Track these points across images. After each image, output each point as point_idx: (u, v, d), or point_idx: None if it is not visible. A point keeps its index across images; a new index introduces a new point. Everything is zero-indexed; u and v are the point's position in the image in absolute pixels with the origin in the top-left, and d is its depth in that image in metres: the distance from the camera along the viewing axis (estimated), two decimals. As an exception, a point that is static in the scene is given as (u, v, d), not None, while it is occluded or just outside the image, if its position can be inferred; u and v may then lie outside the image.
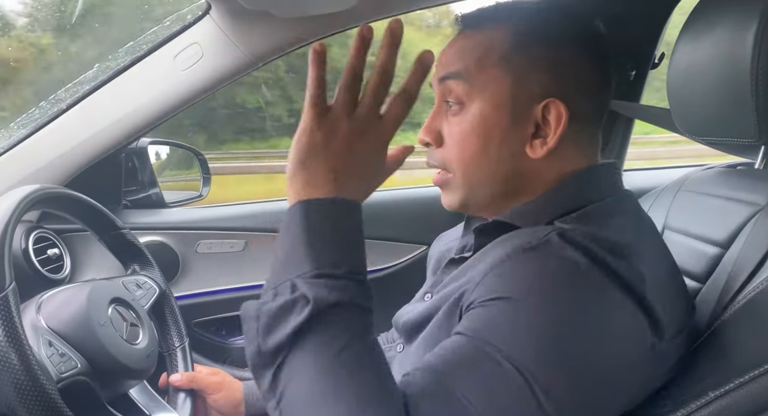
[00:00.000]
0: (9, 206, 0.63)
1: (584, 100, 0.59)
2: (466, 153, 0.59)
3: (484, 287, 0.51)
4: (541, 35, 0.58)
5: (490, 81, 0.57)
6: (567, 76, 0.57)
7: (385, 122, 0.49)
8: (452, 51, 0.61)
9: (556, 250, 0.50)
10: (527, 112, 0.57)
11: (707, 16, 0.70)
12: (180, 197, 1.41)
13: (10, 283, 0.57)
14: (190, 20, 1.04)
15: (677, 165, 1.41)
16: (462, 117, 0.59)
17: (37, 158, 1.07)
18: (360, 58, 0.48)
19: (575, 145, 0.59)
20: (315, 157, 0.48)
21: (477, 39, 0.60)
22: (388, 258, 1.34)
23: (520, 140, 0.58)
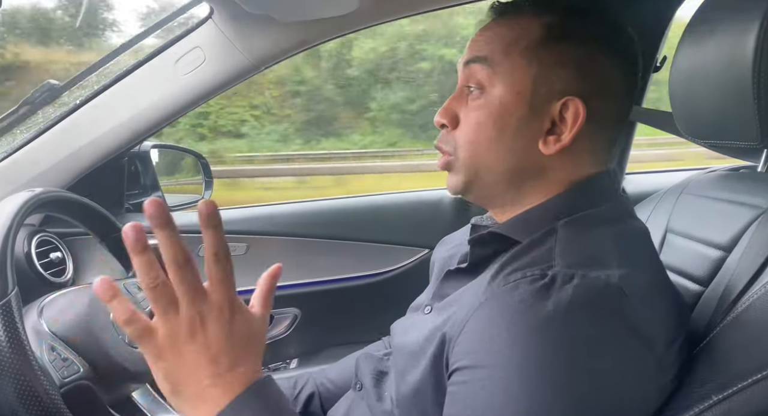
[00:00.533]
0: (12, 209, 0.63)
1: (605, 103, 0.58)
2: (479, 136, 0.59)
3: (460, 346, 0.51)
4: (574, 32, 0.58)
5: (514, 68, 0.57)
6: (591, 76, 0.57)
7: (215, 295, 0.46)
8: (482, 37, 0.61)
9: (536, 299, 0.49)
10: (546, 106, 0.57)
11: (709, 20, 0.70)
12: (182, 200, 1.41)
13: (12, 288, 0.58)
14: (193, 24, 1.05)
15: (680, 168, 1.41)
16: (481, 102, 0.59)
17: (41, 161, 1.08)
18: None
19: (589, 147, 0.59)
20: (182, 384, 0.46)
21: (508, 26, 0.60)
22: (391, 261, 1.34)
23: (534, 133, 0.58)
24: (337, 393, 0.86)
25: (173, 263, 0.44)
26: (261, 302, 0.52)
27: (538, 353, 0.47)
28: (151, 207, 0.43)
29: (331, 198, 1.44)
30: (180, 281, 0.45)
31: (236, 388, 0.46)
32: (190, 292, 0.45)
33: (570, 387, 0.46)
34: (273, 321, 1.34)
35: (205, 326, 0.46)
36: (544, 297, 0.48)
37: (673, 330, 0.53)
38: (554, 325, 0.47)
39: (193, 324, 0.46)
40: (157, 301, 0.45)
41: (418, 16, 1.10)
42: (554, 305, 0.47)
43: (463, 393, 0.50)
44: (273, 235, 1.31)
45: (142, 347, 0.46)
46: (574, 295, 0.48)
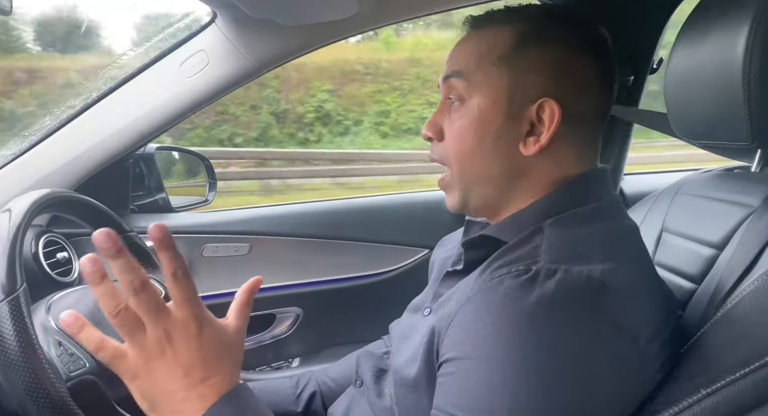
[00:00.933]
0: (21, 209, 0.65)
1: (581, 102, 0.60)
2: (462, 146, 0.61)
3: (448, 339, 0.53)
4: (543, 37, 0.60)
5: (487, 78, 0.60)
6: (565, 77, 0.59)
7: (179, 312, 0.48)
8: (457, 51, 0.64)
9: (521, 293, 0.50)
10: (522, 110, 0.59)
11: (701, 23, 0.72)
12: (186, 201, 1.43)
13: (21, 284, 0.59)
14: (196, 28, 1.07)
15: (677, 169, 1.42)
16: (461, 112, 0.61)
17: (48, 163, 1.10)
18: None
19: (570, 145, 0.61)
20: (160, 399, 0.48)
21: (481, 38, 0.62)
22: (391, 261, 1.35)
23: (515, 137, 0.60)
24: (338, 390, 0.87)
25: (130, 290, 0.46)
26: (235, 314, 0.54)
27: (521, 345, 0.48)
28: (102, 238, 0.45)
29: (333, 199, 1.46)
30: (139, 305, 0.47)
31: (210, 398, 0.49)
32: (151, 313, 0.47)
33: (552, 378, 0.47)
34: (275, 320, 1.35)
35: (173, 343, 0.48)
36: (527, 291, 0.49)
37: (658, 325, 0.54)
38: (537, 318, 0.48)
39: (161, 343, 0.48)
40: (123, 326, 0.47)
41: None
42: (537, 298, 0.49)
43: (449, 384, 0.51)
44: (275, 235, 1.33)
45: (116, 370, 0.49)
46: (556, 289, 0.49)
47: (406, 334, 0.67)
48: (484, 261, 0.59)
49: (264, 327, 1.35)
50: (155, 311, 0.47)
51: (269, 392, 0.90)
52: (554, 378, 0.48)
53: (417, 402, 0.60)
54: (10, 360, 0.55)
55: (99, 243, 0.45)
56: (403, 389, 0.63)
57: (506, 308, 0.49)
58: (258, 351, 1.34)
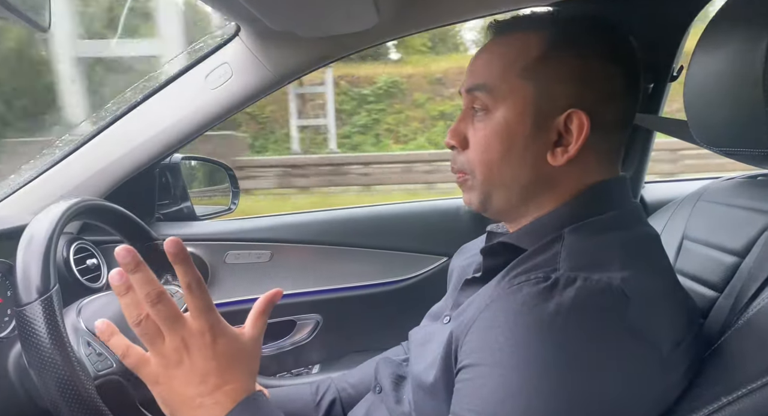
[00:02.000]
0: (54, 216, 0.68)
1: (608, 111, 0.59)
2: (489, 156, 0.61)
3: (466, 345, 0.53)
4: (571, 45, 0.58)
5: (513, 90, 0.59)
6: (592, 87, 0.58)
7: (194, 322, 0.51)
8: (480, 60, 0.62)
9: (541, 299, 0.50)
10: (550, 121, 0.58)
11: (722, 29, 0.71)
12: (210, 210, 1.46)
13: (54, 285, 0.62)
14: (221, 42, 1.10)
15: (698, 177, 1.39)
16: (487, 122, 0.60)
17: (79, 172, 1.14)
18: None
19: (596, 154, 0.60)
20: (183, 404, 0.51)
21: (506, 46, 0.61)
22: (409, 269, 1.36)
23: (542, 148, 0.59)
24: (357, 397, 0.88)
25: (148, 301, 0.49)
26: (252, 323, 0.57)
27: (539, 353, 0.48)
28: (122, 254, 0.49)
29: (352, 207, 1.47)
30: (157, 315, 0.50)
31: (226, 405, 0.51)
32: (168, 323, 0.50)
33: (569, 386, 0.47)
34: (296, 327, 1.36)
35: (190, 351, 0.51)
36: (546, 299, 0.49)
37: (679, 332, 0.53)
38: (555, 326, 0.48)
39: (179, 351, 0.51)
40: (144, 335, 0.50)
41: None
42: (556, 306, 0.49)
43: (466, 389, 0.51)
44: (296, 243, 1.35)
45: (140, 375, 0.52)
46: (576, 297, 0.49)
47: (425, 341, 0.68)
48: (503, 268, 0.59)
49: (284, 334, 1.37)
50: (172, 321, 0.50)
51: (290, 399, 0.91)
52: (571, 386, 0.47)
53: (435, 409, 0.60)
54: (43, 358, 0.57)
55: (120, 259, 0.49)
56: (421, 394, 0.63)
57: (524, 316, 0.50)
58: (278, 358, 1.35)
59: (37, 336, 0.58)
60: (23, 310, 0.59)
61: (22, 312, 0.59)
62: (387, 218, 1.41)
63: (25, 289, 0.60)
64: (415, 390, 0.65)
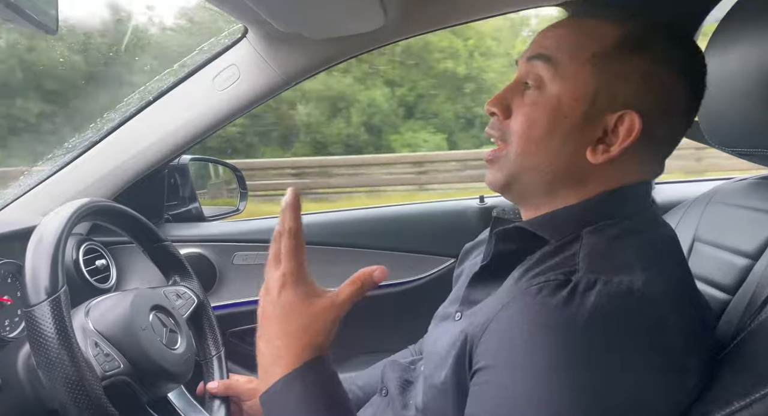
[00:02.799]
0: (63, 217, 0.68)
1: (663, 121, 0.57)
2: (530, 132, 0.58)
3: (483, 346, 0.53)
4: (647, 46, 0.56)
5: (578, 74, 0.56)
6: (655, 93, 0.56)
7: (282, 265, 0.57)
8: (550, 34, 0.60)
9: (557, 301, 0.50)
10: (602, 116, 0.56)
11: (734, 29, 0.70)
12: (218, 211, 1.47)
13: (62, 286, 0.62)
14: (228, 43, 1.11)
15: (710, 178, 1.38)
16: (538, 97, 0.58)
17: (88, 174, 1.15)
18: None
19: (637, 162, 0.58)
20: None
21: (581, 28, 0.58)
22: (417, 271, 1.35)
23: (585, 140, 0.57)
24: (365, 399, 0.87)
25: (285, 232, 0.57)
26: (339, 290, 0.59)
27: (560, 356, 0.47)
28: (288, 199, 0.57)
29: (359, 208, 1.47)
30: (272, 249, 0.58)
31: (281, 367, 0.55)
32: (274, 259, 0.58)
33: (591, 390, 0.46)
34: None
35: (283, 288, 0.57)
36: (567, 302, 0.48)
37: (695, 336, 0.52)
38: (576, 329, 0.47)
39: (277, 284, 0.57)
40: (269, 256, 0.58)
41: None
42: (576, 309, 0.48)
43: (484, 392, 0.51)
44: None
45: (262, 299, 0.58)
46: (596, 300, 0.48)
47: (436, 341, 0.67)
48: (514, 257, 0.58)
49: (292, 335, 1.36)
50: (275, 257, 0.58)
51: None
52: (592, 389, 0.47)
53: (446, 409, 0.59)
54: (51, 358, 0.57)
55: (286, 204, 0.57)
56: (432, 393, 0.62)
57: (544, 318, 0.49)
58: (286, 359, 1.35)
59: (45, 336, 0.58)
60: (32, 311, 0.60)
61: (30, 313, 0.60)
62: (395, 220, 1.41)
63: (33, 290, 0.61)
64: (426, 390, 0.65)
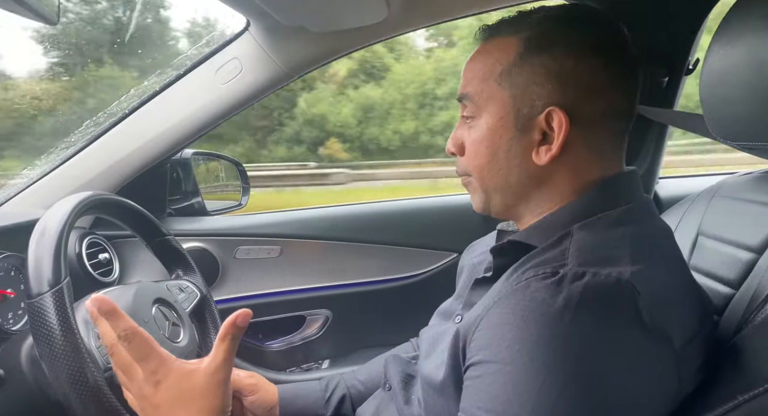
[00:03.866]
0: (66, 210, 0.68)
1: (591, 105, 0.58)
2: (478, 161, 0.63)
3: (475, 342, 0.53)
4: (546, 44, 0.58)
5: (492, 97, 0.61)
6: (571, 84, 0.58)
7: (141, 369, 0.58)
8: (466, 69, 0.65)
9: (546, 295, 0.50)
10: (531, 121, 0.59)
11: (740, 21, 0.70)
12: (221, 205, 1.47)
13: (65, 278, 0.62)
14: (231, 37, 1.10)
15: (714, 173, 1.37)
16: (475, 129, 0.63)
17: (91, 167, 1.15)
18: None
19: (587, 149, 0.60)
20: None
21: (487, 52, 0.62)
22: (419, 265, 1.35)
23: (527, 148, 0.60)
24: (367, 393, 0.88)
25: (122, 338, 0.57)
26: (213, 351, 0.59)
27: (548, 348, 0.47)
28: (93, 305, 0.56)
29: (362, 203, 1.47)
30: (119, 359, 0.58)
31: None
32: (128, 366, 0.58)
33: (578, 382, 0.47)
34: (305, 322, 1.37)
35: (158, 384, 0.57)
36: (554, 294, 0.49)
37: (693, 328, 0.52)
38: (563, 321, 0.48)
39: (150, 385, 0.57)
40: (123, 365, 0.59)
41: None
42: (564, 301, 0.48)
43: (475, 386, 0.51)
44: (306, 238, 1.35)
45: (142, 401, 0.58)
46: (584, 291, 0.48)
47: (435, 340, 0.67)
48: (512, 263, 0.59)
49: (294, 329, 1.37)
50: (129, 368, 0.58)
51: (299, 395, 0.91)
52: (581, 381, 0.47)
53: (445, 407, 0.60)
54: (54, 350, 0.58)
55: (92, 309, 0.56)
56: (431, 392, 0.63)
57: (532, 311, 0.49)
58: (288, 353, 1.36)
59: (47, 327, 0.58)
60: (34, 302, 0.60)
61: (33, 304, 0.60)
62: (397, 214, 1.41)
63: (36, 281, 0.61)
64: (425, 389, 0.65)
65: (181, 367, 0.58)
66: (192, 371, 0.58)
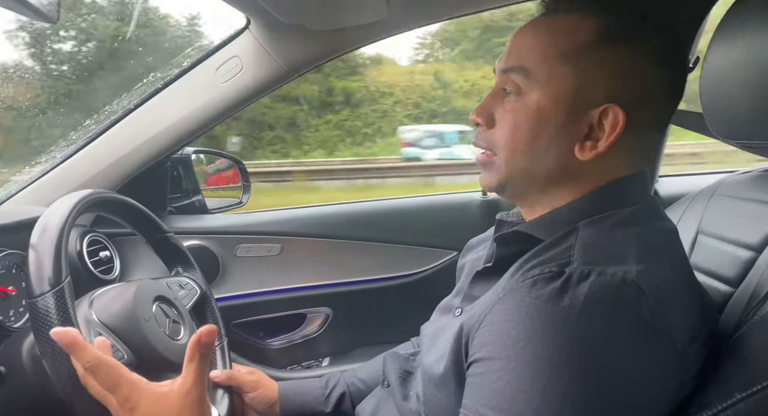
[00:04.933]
0: (66, 207, 0.68)
1: (647, 111, 0.57)
2: (515, 139, 0.58)
3: (478, 339, 0.53)
4: (624, 36, 0.55)
5: (553, 76, 0.56)
6: (636, 83, 0.56)
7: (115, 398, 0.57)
8: (521, 39, 0.59)
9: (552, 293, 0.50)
10: (585, 112, 0.56)
11: (740, 19, 0.70)
12: (221, 203, 1.47)
13: (65, 277, 0.62)
14: (231, 35, 1.10)
15: (714, 171, 1.37)
16: (518, 104, 0.58)
17: (91, 165, 1.15)
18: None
19: (626, 153, 0.59)
20: None
21: (553, 25, 0.58)
22: (419, 263, 1.35)
23: (571, 139, 0.57)
24: (366, 391, 0.88)
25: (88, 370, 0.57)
26: (183, 374, 0.59)
27: (552, 347, 0.47)
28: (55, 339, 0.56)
29: (362, 201, 1.47)
30: (95, 386, 0.58)
31: None
32: (103, 392, 0.58)
33: (583, 380, 0.47)
34: (306, 320, 1.37)
35: (133, 409, 0.57)
36: (559, 293, 0.49)
37: (695, 328, 0.53)
38: (569, 320, 0.48)
39: (126, 410, 0.57)
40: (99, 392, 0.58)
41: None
42: (570, 300, 0.48)
43: (478, 383, 0.51)
44: (306, 236, 1.35)
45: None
46: (589, 291, 0.48)
47: (436, 335, 0.67)
48: (516, 259, 0.59)
49: (294, 327, 1.37)
50: (102, 399, 0.58)
51: (299, 392, 0.92)
52: (584, 379, 0.47)
53: (445, 402, 0.60)
54: (55, 348, 0.58)
55: (58, 340, 0.56)
56: (431, 387, 0.63)
57: (538, 310, 0.49)
58: (289, 350, 1.36)
59: (49, 327, 0.58)
60: (35, 301, 0.60)
61: (34, 304, 0.60)
62: (397, 212, 1.41)
63: (37, 281, 0.61)
64: (425, 383, 0.65)
65: (153, 391, 0.57)
66: (165, 393, 0.57)
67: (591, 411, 0.47)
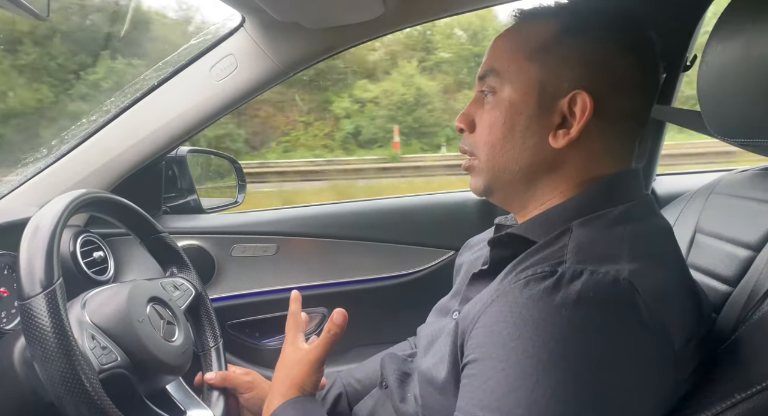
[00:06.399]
0: (59, 208, 0.67)
1: (617, 99, 0.59)
2: (492, 137, 0.62)
3: (472, 340, 0.53)
4: (584, 32, 0.59)
5: (519, 72, 0.60)
6: (602, 74, 0.58)
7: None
8: (494, 46, 0.64)
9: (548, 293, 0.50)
10: (554, 102, 0.59)
11: (737, 18, 0.69)
12: (217, 203, 1.46)
13: (57, 278, 0.61)
14: (225, 33, 1.09)
15: (712, 169, 1.37)
16: (493, 103, 0.62)
17: (85, 165, 1.14)
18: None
19: (602, 143, 0.60)
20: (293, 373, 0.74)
21: (519, 30, 0.62)
22: (416, 263, 1.35)
23: (545, 129, 0.59)
24: (363, 392, 0.88)
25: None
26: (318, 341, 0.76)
27: (542, 345, 0.47)
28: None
29: (358, 200, 1.47)
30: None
31: (289, 394, 0.71)
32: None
33: (574, 379, 0.46)
34: None
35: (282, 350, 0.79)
36: (551, 293, 0.49)
37: (691, 327, 0.52)
38: (560, 319, 0.47)
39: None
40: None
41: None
42: (561, 300, 0.48)
43: (471, 384, 0.51)
44: (302, 236, 1.34)
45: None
46: (582, 290, 0.48)
47: (434, 338, 0.67)
48: (511, 261, 0.59)
49: (291, 327, 1.36)
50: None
51: None
52: (577, 380, 0.47)
53: (444, 405, 0.60)
54: (47, 351, 0.57)
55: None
56: (430, 390, 0.63)
57: (530, 310, 0.49)
58: (285, 351, 1.35)
59: (40, 329, 0.57)
60: (26, 304, 0.59)
61: (25, 306, 0.59)
62: (394, 212, 1.40)
63: (28, 282, 0.60)
64: (423, 386, 0.65)
65: (299, 347, 0.78)
66: (302, 351, 0.76)
67: (581, 410, 0.46)
